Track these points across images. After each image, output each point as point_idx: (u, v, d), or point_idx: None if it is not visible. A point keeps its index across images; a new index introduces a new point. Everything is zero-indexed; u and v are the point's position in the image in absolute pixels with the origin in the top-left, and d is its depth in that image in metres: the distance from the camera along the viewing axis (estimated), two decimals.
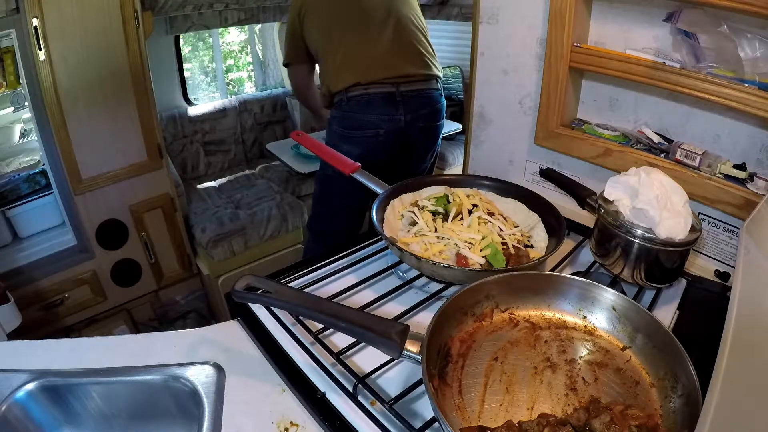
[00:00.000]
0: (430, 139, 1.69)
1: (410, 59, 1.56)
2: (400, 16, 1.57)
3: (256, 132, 2.79)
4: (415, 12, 1.63)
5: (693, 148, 0.82)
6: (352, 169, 0.96)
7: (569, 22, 0.88)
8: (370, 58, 1.52)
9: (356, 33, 1.53)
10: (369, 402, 0.58)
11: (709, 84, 0.74)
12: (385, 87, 1.51)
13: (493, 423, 0.51)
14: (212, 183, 2.47)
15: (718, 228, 0.83)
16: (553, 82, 0.94)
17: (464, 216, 0.83)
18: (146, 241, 1.89)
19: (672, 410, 0.51)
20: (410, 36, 1.57)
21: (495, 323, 0.63)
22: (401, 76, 1.52)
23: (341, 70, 1.53)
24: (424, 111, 1.59)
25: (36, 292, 1.69)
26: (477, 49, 1.10)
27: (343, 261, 0.87)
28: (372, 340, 0.54)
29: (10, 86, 1.58)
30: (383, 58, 1.52)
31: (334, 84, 1.55)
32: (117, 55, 1.58)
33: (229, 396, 0.60)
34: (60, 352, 0.67)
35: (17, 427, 0.59)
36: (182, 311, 2.15)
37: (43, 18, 1.40)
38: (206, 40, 2.79)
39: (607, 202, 0.76)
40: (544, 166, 1.03)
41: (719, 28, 0.73)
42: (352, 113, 1.54)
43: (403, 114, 1.54)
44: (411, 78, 1.54)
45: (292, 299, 0.59)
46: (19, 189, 1.76)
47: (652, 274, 0.73)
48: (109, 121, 1.65)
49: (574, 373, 0.57)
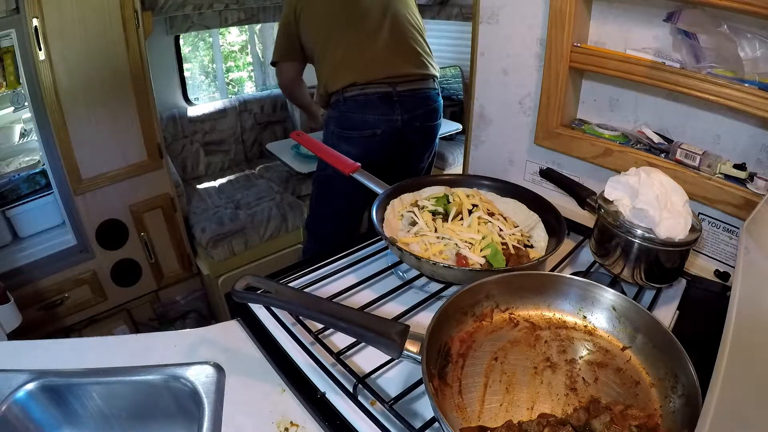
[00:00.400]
0: (427, 138, 1.68)
1: (407, 59, 1.55)
2: (397, 15, 1.56)
3: (256, 132, 2.79)
4: (411, 11, 1.62)
5: (693, 148, 0.82)
6: (352, 169, 0.96)
7: (569, 22, 0.88)
8: (367, 58, 1.51)
9: (353, 32, 1.52)
10: (369, 402, 0.58)
11: (709, 84, 0.74)
12: (382, 87, 1.50)
13: (493, 423, 0.51)
14: (212, 183, 2.47)
15: (718, 228, 0.83)
16: (553, 82, 0.94)
17: (464, 216, 0.83)
18: (146, 241, 1.90)
19: (672, 410, 0.51)
20: (407, 35, 1.56)
21: (495, 323, 0.63)
22: (398, 75, 1.52)
23: (338, 69, 1.53)
24: (421, 111, 1.58)
25: (36, 292, 1.70)
26: (477, 49, 1.10)
27: (343, 261, 0.87)
28: (372, 340, 0.54)
29: (10, 86, 1.58)
30: (380, 58, 1.51)
31: (331, 84, 1.54)
32: (117, 55, 1.58)
33: (229, 396, 0.60)
34: (60, 352, 0.67)
35: (17, 427, 0.59)
36: (182, 311, 2.15)
37: (43, 18, 1.40)
38: (206, 40, 2.79)
39: (607, 202, 0.76)
40: (544, 166, 1.03)
41: (719, 28, 0.73)
42: (350, 113, 1.54)
43: (400, 114, 1.53)
44: (408, 78, 1.53)
45: (292, 299, 0.59)
46: (19, 189, 1.76)
47: (652, 274, 0.73)
48: (109, 121, 1.65)
49: (574, 373, 0.57)
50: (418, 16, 1.65)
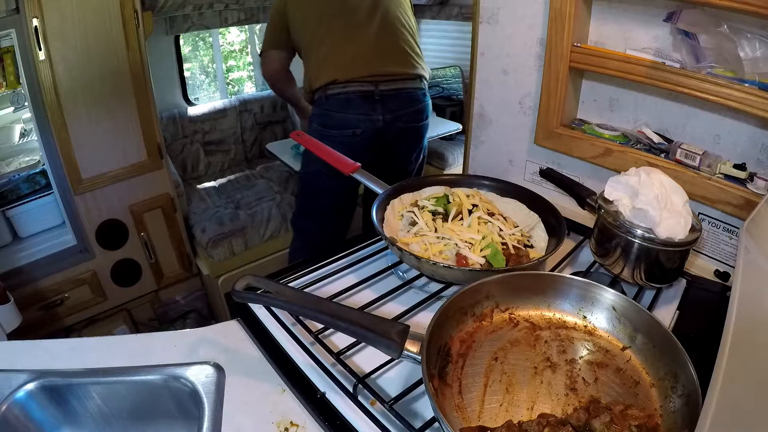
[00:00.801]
0: (412, 140, 1.64)
1: (392, 58, 1.52)
2: (388, 14, 1.53)
3: (256, 132, 2.79)
4: (403, 10, 1.59)
5: (693, 148, 0.82)
6: (352, 169, 0.96)
7: (569, 22, 0.88)
8: (350, 55, 1.48)
9: (339, 28, 1.49)
10: (369, 402, 0.58)
11: (709, 84, 0.74)
12: (363, 85, 1.47)
13: (493, 423, 0.51)
14: (212, 183, 2.47)
15: (718, 228, 0.83)
16: (553, 82, 0.94)
17: (464, 216, 0.83)
18: (146, 241, 1.90)
19: (672, 410, 0.51)
20: (395, 35, 1.53)
21: (495, 323, 0.63)
22: (381, 74, 1.48)
23: (322, 66, 1.50)
24: (404, 111, 1.54)
25: (36, 292, 1.70)
26: (477, 49, 1.10)
27: (343, 261, 0.87)
28: (372, 340, 0.54)
29: (10, 86, 1.58)
30: (363, 56, 1.48)
31: (314, 80, 1.51)
32: (117, 55, 1.58)
33: (229, 396, 0.60)
34: (60, 352, 0.67)
35: (17, 427, 0.59)
36: (182, 311, 2.15)
37: (43, 18, 1.40)
38: (206, 40, 2.79)
39: (607, 202, 0.76)
40: (544, 166, 1.03)
41: (719, 28, 0.73)
42: (331, 112, 1.51)
43: (382, 114, 1.50)
44: (392, 77, 1.50)
45: (292, 299, 0.59)
46: (19, 189, 1.76)
47: (652, 274, 0.73)
48: (109, 121, 1.65)
49: (574, 373, 0.57)
50: (410, 17, 1.62)
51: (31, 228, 1.81)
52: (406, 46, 1.55)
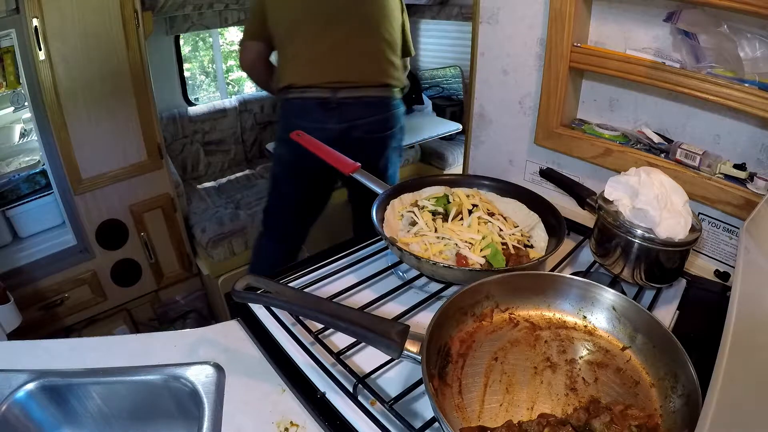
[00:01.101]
0: (374, 150, 1.52)
1: (359, 66, 1.43)
2: (366, 22, 1.44)
3: (256, 132, 2.78)
4: (389, 21, 1.48)
5: (693, 148, 0.82)
6: (352, 169, 0.96)
7: (569, 22, 0.88)
8: (310, 59, 1.40)
9: (310, 29, 1.41)
10: (369, 402, 0.57)
11: (709, 84, 0.74)
12: (322, 92, 1.39)
13: (493, 423, 0.51)
14: (212, 183, 2.47)
15: (718, 228, 0.83)
16: (553, 82, 0.94)
17: (464, 216, 0.83)
18: (146, 241, 1.90)
19: (672, 410, 0.51)
20: (368, 44, 1.44)
21: (495, 323, 0.63)
22: (341, 81, 1.40)
23: (286, 66, 1.44)
24: (365, 119, 1.45)
25: (36, 292, 1.70)
26: (477, 49, 1.10)
27: (343, 261, 0.87)
28: (372, 340, 0.54)
29: (10, 86, 1.58)
30: (323, 61, 1.40)
31: (279, 80, 1.45)
32: (117, 55, 1.58)
33: (229, 396, 0.60)
34: (60, 352, 0.67)
35: (17, 427, 0.59)
36: (182, 311, 2.15)
37: (43, 18, 1.40)
38: (206, 40, 2.79)
39: (607, 202, 0.76)
40: (544, 166, 1.03)
41: (719, 28, 0.73)
42: (288, 117, 1.45)
43: (338, 123, 1.42)
44: (353, 84, 1.41)
45: (292, 299, 0.59)
46: (19, 189, 1.76)
47: (652, 274, 0.73)
48: (109, 121, 1.65)
49: (574, 373, 0.57)
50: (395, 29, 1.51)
51: (31, 228, 1.81)
52: (380, 55, 1.46)
